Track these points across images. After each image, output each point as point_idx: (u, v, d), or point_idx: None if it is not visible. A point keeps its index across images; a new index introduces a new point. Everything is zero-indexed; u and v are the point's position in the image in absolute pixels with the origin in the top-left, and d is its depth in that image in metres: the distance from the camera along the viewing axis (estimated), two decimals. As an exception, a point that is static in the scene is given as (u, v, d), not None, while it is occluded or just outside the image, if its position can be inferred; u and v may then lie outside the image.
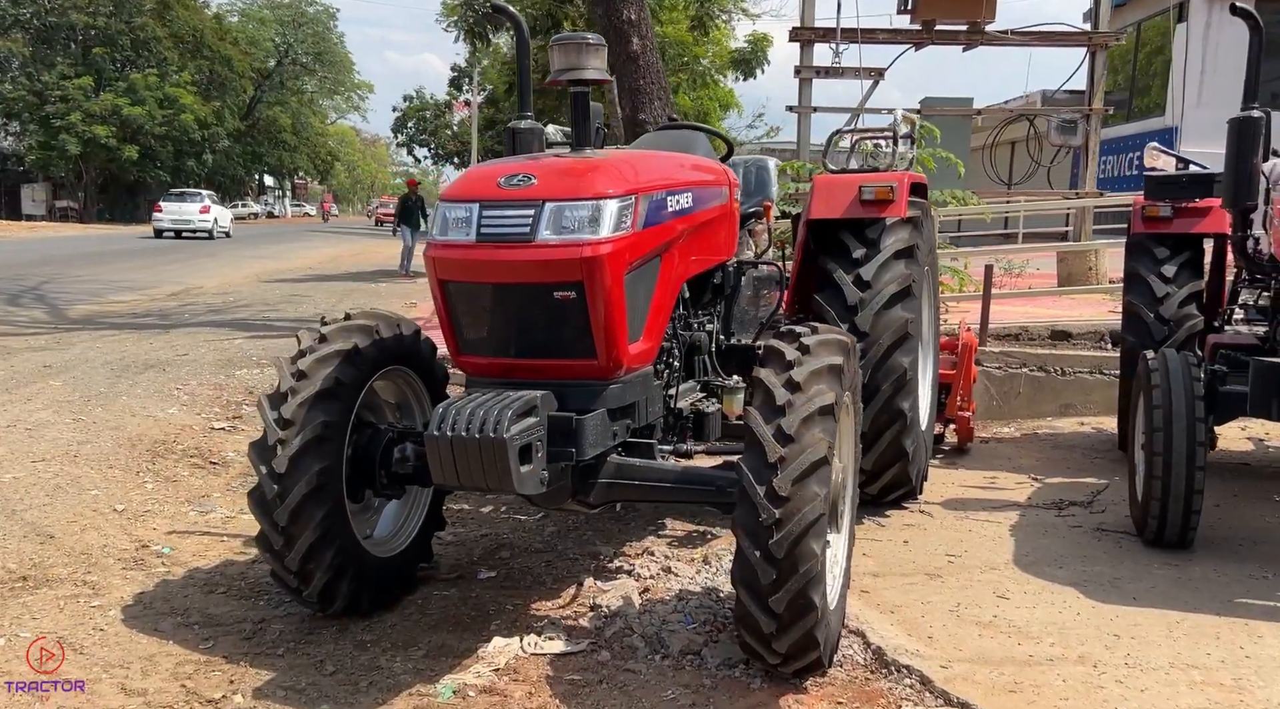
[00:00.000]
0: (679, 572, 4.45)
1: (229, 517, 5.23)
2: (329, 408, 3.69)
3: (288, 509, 3.60)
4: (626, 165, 3.63)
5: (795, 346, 3.38)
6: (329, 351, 3.75)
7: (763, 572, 3.13)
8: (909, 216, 4.96)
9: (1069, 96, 24.98)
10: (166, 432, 6.59)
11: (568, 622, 3.94)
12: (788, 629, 3.20)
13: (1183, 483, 4.38)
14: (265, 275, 19.29)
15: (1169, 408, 4.42)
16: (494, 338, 3.53)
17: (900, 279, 4.83)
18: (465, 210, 3.46)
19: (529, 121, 4.50)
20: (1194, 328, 5.84)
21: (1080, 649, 3.68)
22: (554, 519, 5.19)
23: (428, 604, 4.15)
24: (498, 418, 3.17)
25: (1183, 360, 4.57)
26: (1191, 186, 5.93)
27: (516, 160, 3.74)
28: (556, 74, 3.59)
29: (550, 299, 3.40)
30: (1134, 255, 6.10)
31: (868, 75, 9.58)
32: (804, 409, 3.19)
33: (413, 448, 3.91)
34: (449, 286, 3.51)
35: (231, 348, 9.46)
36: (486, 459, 3.18)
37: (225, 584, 4.31)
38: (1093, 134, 9.76)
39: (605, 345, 3.45)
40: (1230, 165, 5.00)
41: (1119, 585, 4.26)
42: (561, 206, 3.36)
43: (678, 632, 3.81)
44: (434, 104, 61.82)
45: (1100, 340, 8.02)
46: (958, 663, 3.57)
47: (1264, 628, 3.84)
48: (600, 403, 3.53)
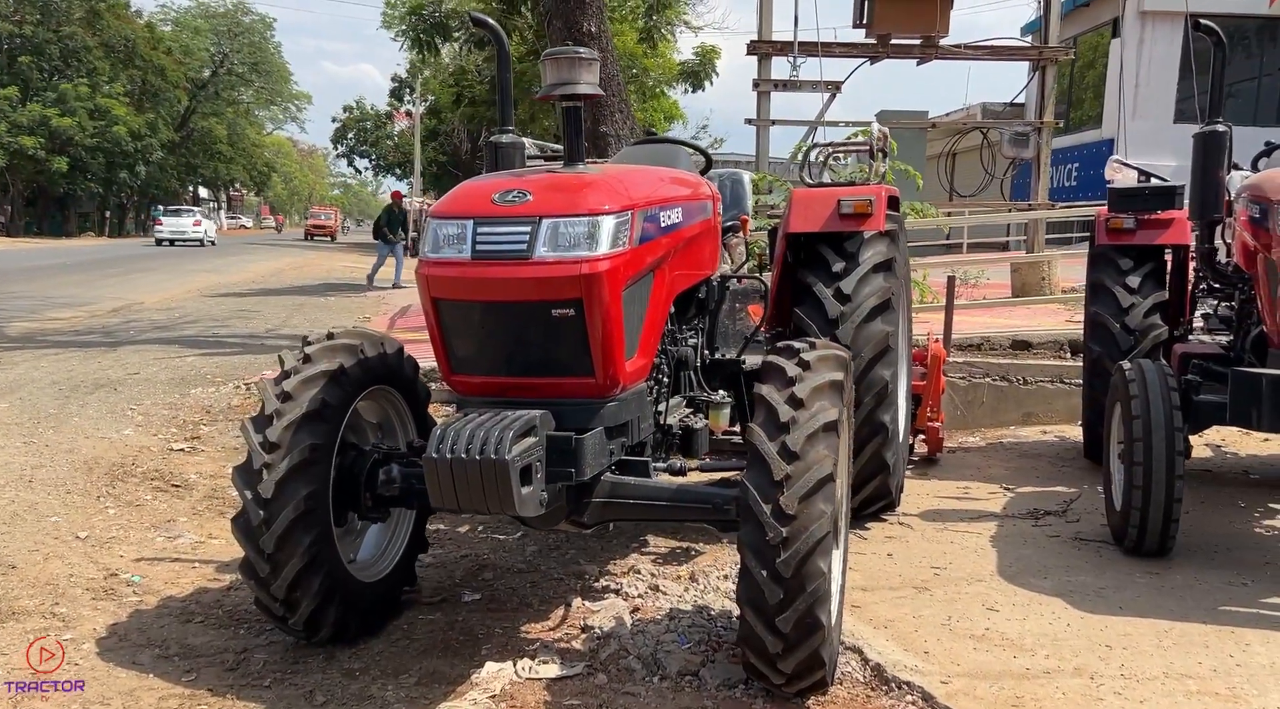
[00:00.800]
0: (667, 590, 4.40)
1: (198, 542, 5.08)
2: (316, 430, 3.59)
3: (274, 535, 3.50)
4: (621, 181, 3.59)
5: (795, 362, 3.36)
6: (314, 372, 3.66)
7: (769, 591, 3.09)
8: (886, 230, 4.98)
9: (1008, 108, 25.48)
10: (123, 453, 6.40)
11: (560, 644, 3.87)
12: (794, 649, 3.17)
13: (1163, 492, 4.44)
14: (208, 290, 18.90)
15: (1148, 418, 4.47)
16: (488, 356, 3.46)
17: (880, 292, 4.84)
18: (458, 227, 3.40)
19: (511, 136, 4.45)
20: (1159, 337, 5.94)
21: (1075, 661, 3.69)
22: (534, 538, 5.12)
23: (414, 629, 4.05)
24: (499, 438, 3.11)
25: (1159, 371, 4.63)
26: (1154, 199, 6.03)
27: (509, 176, 3.68)
28: (548, 89, 3.53)
29: (548, 317, 3.34)
30: (1098, 267, 6.19)
31: (825, 88, 9.64)
32: (808, 426, 3.17)
33: (399, 469, 3.83)
34: (442, 304, 3.44)
35: (184, 365, 9.23)
36: (488, 481, 3.11)
37: (202, 613, 4.17)
38: (1044, 147, 9.92)
39: (603, 363, 3.40)
40: (1197, 178, 5.11)
41: (1104, 595, 4.30)
42: (558, 223, 3.31)
43: (674, 652, 3.76)
44: (375, 115, 61.34)
45: (1060, 350, 8.14)
46: (957, 678, 3.56)
47: (1250, 635, 3.89)
48: (598, 421, 3.48)
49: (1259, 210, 4.66)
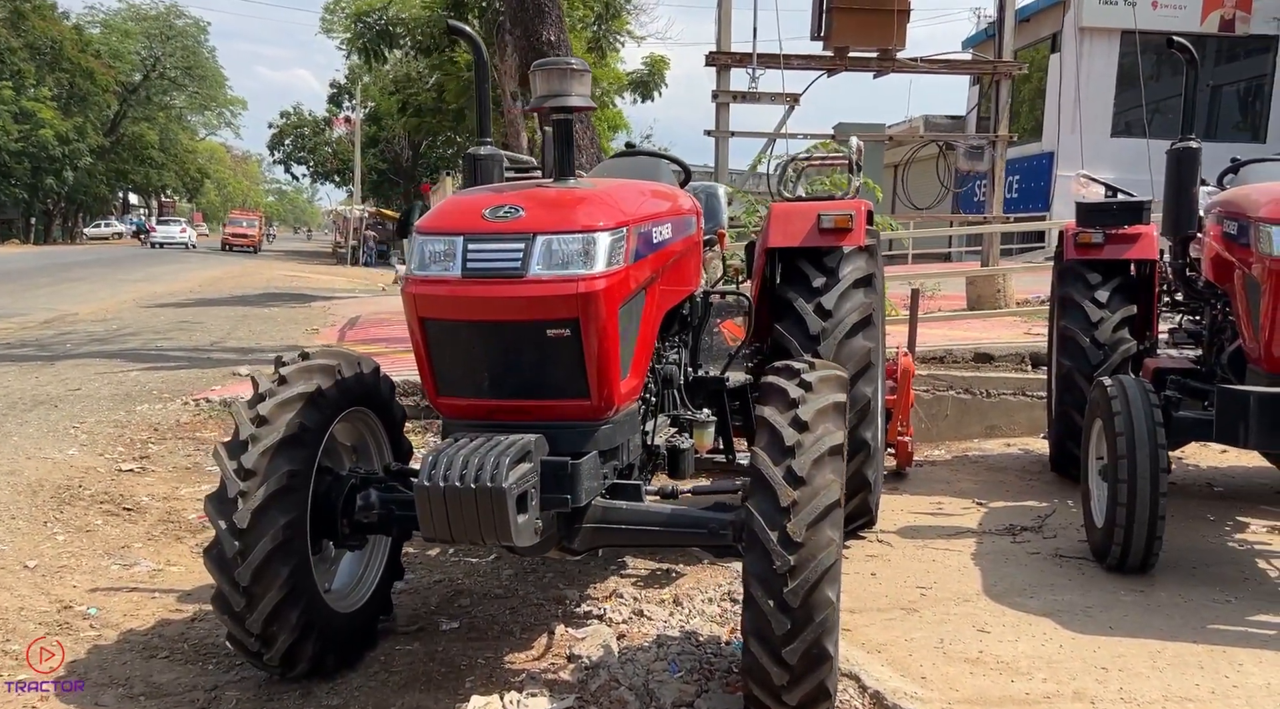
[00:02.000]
0: (651, 615, 4.29)
1: (156, 570, 4.85)
2: (293, 456, 3.43)
3: (250, 567, 3.32)
4: (613, 196, 3.48)
5: (797, 383, 3.28)
6: (291, 395, 3.49)
7: (776, 622, 2.99)
8: (865, 245, 4.93)
9: (950, 121, 25.84)
10: (69, 475, 6.12)
11: (547, 675, 3.74)
12: (800, 681, 3.07)
13: (1147, 509, 4.42)
14: (144, 300, 18.37)
15: (1132, 435, 4.46)
16: (479, 378, 3.32)
17: (861, 308, 4.78)
18: (447, 244, 3.26)
19: (489, 147, 4.30)
20: (1128, 352, 5.96)
21: (1073, 684, 3.65)
22: (509, 562, 4.97)
23: (391, 661, 3.89)
24: (495, 465, 2.98)
25: (1140, 387, 4.62)
26: (1122, 213, 6.06)
27: (498, 190, 3.54)
28: (538, 100, 3.41)
29: (542, 337, 3.22)
30: (1067, 281, 6.20)
31: (784, 100, 9.62)
32: (814, 450, 3.08)
33: (377, 495, 3.68)
34: (430, 324, 3.30)
35: (127, 380, 8.90)
36: (484, 510, 2.98)
37: (166, 647, 3.96)
38: (999, 160, 10.00)
39: (599, 384, 3.29)
40: (1171, 195, 5.12)
41: (1092, 614, 4.27)
42: (553, 240, 3.19)
43: (666, 682, 3.65)
44: (313, 121, 60.41)
45: (1021, 363, 8.17)
46: (958, 704, 3.50)
47: (1242, 655, 3.88)
48: (592, 445, 3.36)
49: (1236, 227, 4.68)
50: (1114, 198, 6.27)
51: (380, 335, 11.40)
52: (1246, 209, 4.61)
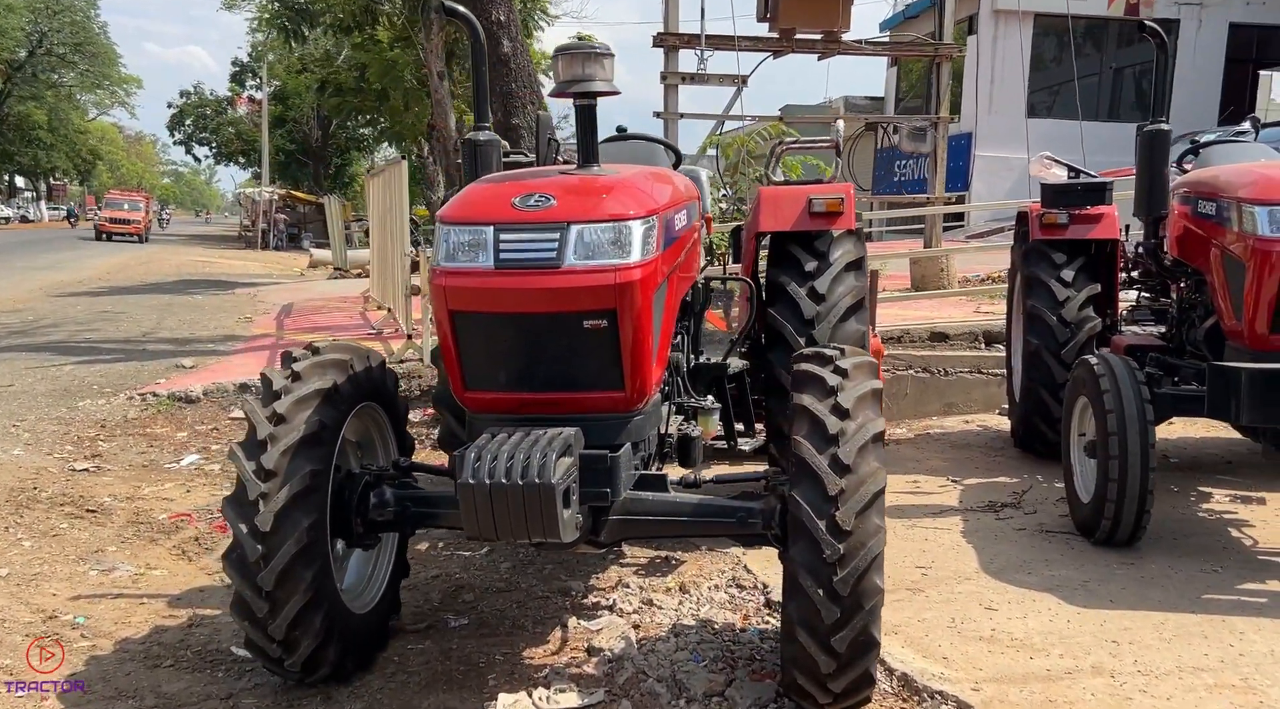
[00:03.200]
0: (661, 604, 4.26)
1: (137, 574, 4.66)
2: (313, 455, 3.31)
3: (274, 571, 3.20)
4: (639, 183, 3.42)
5: (832, 369, 3.26)
6: (307, 392, 3.37)
7: (826, 611, 2.99)
8: (853, 228, 4.94)
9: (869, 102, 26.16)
10: (20, 477, 5.85)
11: (571, 670, 3.68)
12: (847, 669, 3.08)
13: (1138, 484, 4.53)
14: (54, 289, 17.64)
15: (1122, 413, 4.56)
16: (511, 371, 3.24)
17: (854, 291, 4.79)
18: (476, 234, 3.17)
19: (488, 133, 4.21)
20: (1093, 329, 6.11)
21: (1090, 659, 3.72)
22: (504, 553, 4.89)
23: (406, 661, 3.80)
24: (541, 461, 2.91)
25: (1126, 365, 4.73)
26: (1086, 194, 6.19)
27: (522, 177, 3.45)
28: (562, 86, 3.32)
29: (578, 328, 3.15)
30: (1032, 261, 6.32)
31: (732, 82, 9.62)
32: (858, 438, 3.08)
33: (392, 492, 3.59)
34: (460, 317, 3.20)
35: (63, 375, 8.54)
36: (531, 507, 2.92)
37: (168, 655, 3.81)
38: (940, 141, 10.15)
39: (632, 376, 3.24)
40: (1143, 176, 5.24)
41: (1090, 588, 4.36)
42: (587, 229, 3.13)
43: (694, 673, 3.63)
44: (215, 101, 58.55)
45: (975, 341, 8.33)
46: (985, 684, 3.54)
47: (1241, 624, 4.01)
48: (625, 436, 3.32)
49: (1215, 207, 4.81)
50: (1076, 179, 6.39)
51: (321, 323, 11.14)
52: (1226, 189, 4.73)
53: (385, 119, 25.48)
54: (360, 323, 10.85)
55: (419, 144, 25.97)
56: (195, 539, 5.12)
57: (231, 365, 8.98)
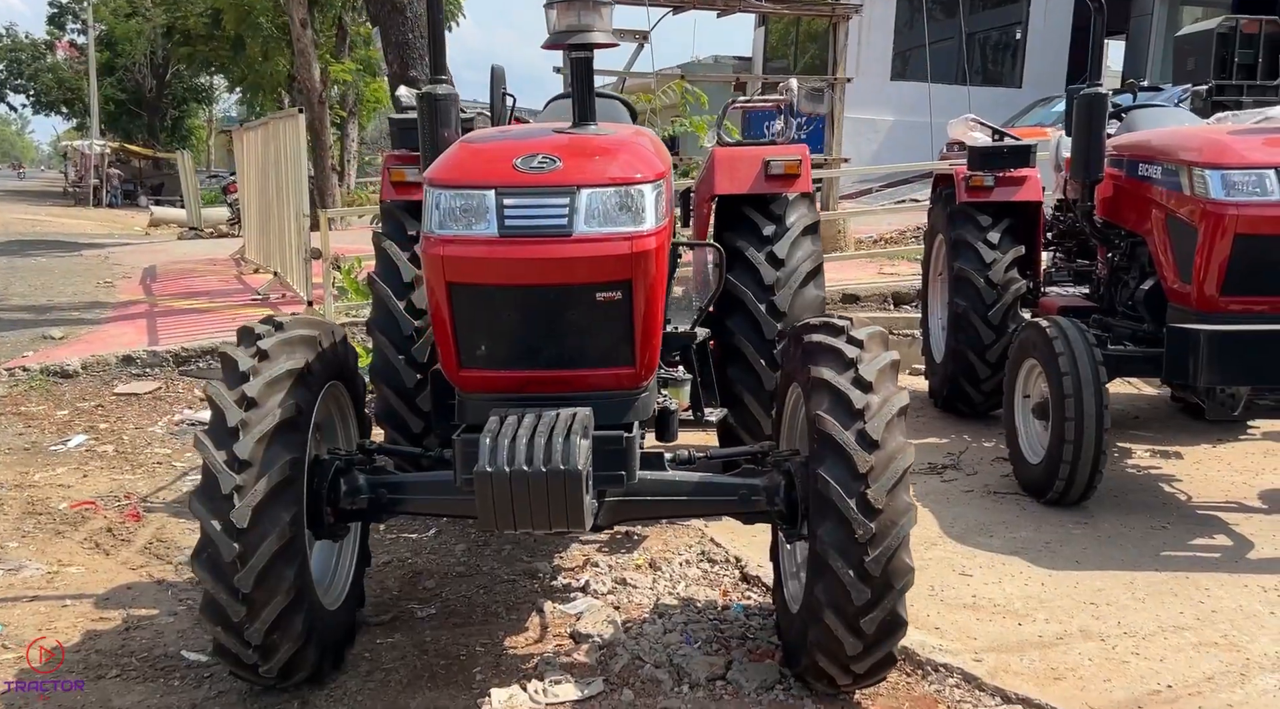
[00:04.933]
0: (635, 582, 4.11)
1: (49, 572, 4.22)
2: (290, 442, 3.02)
3: (253, 572, 2.91)
4: (639, 143, 3.20)
5: (846, 340, 3.14)
6: (279, 372, 3.06)
7: (856, 592, 2.89)
8: (808, 191, 4.84)
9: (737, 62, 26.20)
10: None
11: (562, 659, 3.50)
12: (873, 650, 2.99)
13: (1093, 445, 4.60)
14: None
15: (1077, 375, 4.61)
16: (514, 347, 3.00)
17: (813, 256, 4.70)
18: (475, 198, 2.90)
19: (447, 86, 3.89)
20: (1019, 291, 6.19)
21: (1075, 622, 3.75)
22: (455, 535, 4.64)
23: (379, 658, 3.54)
24: (565, 446, 2.71)
25: (1077, 328, 4.78)
26: (1011, 157, 6.25)
27: (518, 136, 3.18)
28: (556, 37, 3.07)
29: (590, 300, 2.93)
30: (958, 224, 6.35)
31: (634, 38, 9.38)
32: (884, 412, 2.97)
33: (365, 478, 3.32)
34: (459, 290, 2.93)
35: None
36: (555, 495, 2.72)
37: (111, 664, 3.45)
38: (838, 103, 10.16)
39: (643, 350, 3.05)
40: (1080, 140, 5.28)
41: (1054, 550, 4.41)
42: (598, 193, 2.90)
43: (690, 656, 3.49)
44: (30, 44, 54.33)
45: (884, 302, 8.39)
46: (985, 654, 3.52)
47: (1204, 580, 4.11)
48: (633, 414, 3.13)
49: (1159, 171, 4.88)
50: (1000, 142, 6.45)
51: (197, 288, 10.45)
52: (1171, 153, 4.81)
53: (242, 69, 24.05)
54: (239, 287, 10.24)
55: (279, 96, 24.70)
56: (108, 530, 4.69)
57: (107, 335, 8.31)
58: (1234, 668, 3.42)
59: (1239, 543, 4.49)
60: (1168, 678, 3.36)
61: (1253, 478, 5.42)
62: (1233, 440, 6.12)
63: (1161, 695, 3.26)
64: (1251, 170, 4.41)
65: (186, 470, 5.64)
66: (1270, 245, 4.41)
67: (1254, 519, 4.78)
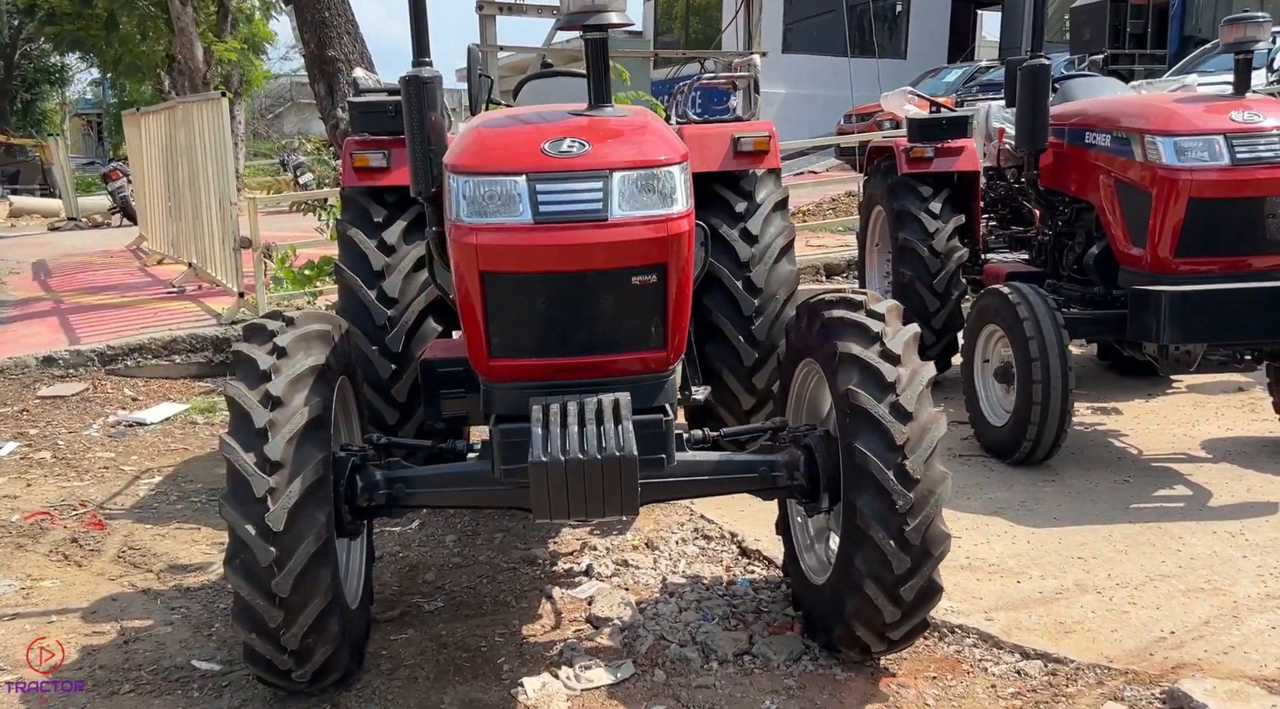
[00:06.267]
0: (637, 563, 4.12)
1: (23, 588, 4.03)
2: (318, 440, 2.95)
3: (291, 576, 2.83)
4: (659, 124, 3.18)
5: (866, 314, 3.19)
6: (302, 370, 2.97)
7: (897, 561, 2.95)
8: (776, 167, 4.88)
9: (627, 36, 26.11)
10: None
11: (585, 644, 3.49)
12: (909, 616, 3.08)
13: (1059, 405, 4.78)
14: None
15: (1042, 339, 4.77)
16: (548, 335, 2.96)
17: (785, 232, 4.74)
18: (506, 185, 2.85)
19: (431, 69, 3.79)
20: (961, 259, 6.36)
21: (1069, 577, 3.90)
22: (441, 525, 4.57)
23: (399, 654, 3.48)
24: (618, 433, 2.70)
25: (1038, 293, 4.95)
26: (949, 128, 6.41)
27: (538, 120, 3.12)
28: (572, 18, 3.01)
29: (626, 285, 2.92)
30: (900, 195, 6.48)
31: (550, 14, 9.28)
32: (916, 384, 3.03)
33: (382, 474, 3.25)
34: (493, 279, 2.88)
35: None
36: (611, 481, 2.72)
37: (121, 679, 3.33)
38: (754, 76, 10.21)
39: (674, 332, 3.05)
40: (1026, 111, 5.43)
41: (1031, 508, 4.57)
42: (631, 176, 2.89)
43: (713, 634, 3.52)
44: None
45: (817, 274, 8.52)
46: (994, 612, 3.64)
47: (1176, 529, 4.31)
48: (663, 397, 3.13)
49: (1109, 138, 5.07)
50: (939, 113, 6.60)
51: (100, 282, 9.98)
52: (1122, 121, 5.00)
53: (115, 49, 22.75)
54: (147, 280, 9.81)
55: (158, 78, 23.58)
56: (72, 541, 4.48)
57: (16, 335, 7.88)
58: (1225, 611, 3.62)
59: (1198, 492, 4.72)
60: (1168, 625, 3.53)
61: (1190, 429, 5.70)
62: (1161, 395, 6.42)
63: (1167, 642, 3.42)
64: (1201, 136, 4.62)
65: (138, 473, 5.42)
66: (1221, 208, 4.63)
67: (1204, 468, 5.03)
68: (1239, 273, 4.73)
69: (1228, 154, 4.58)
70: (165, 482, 5.31)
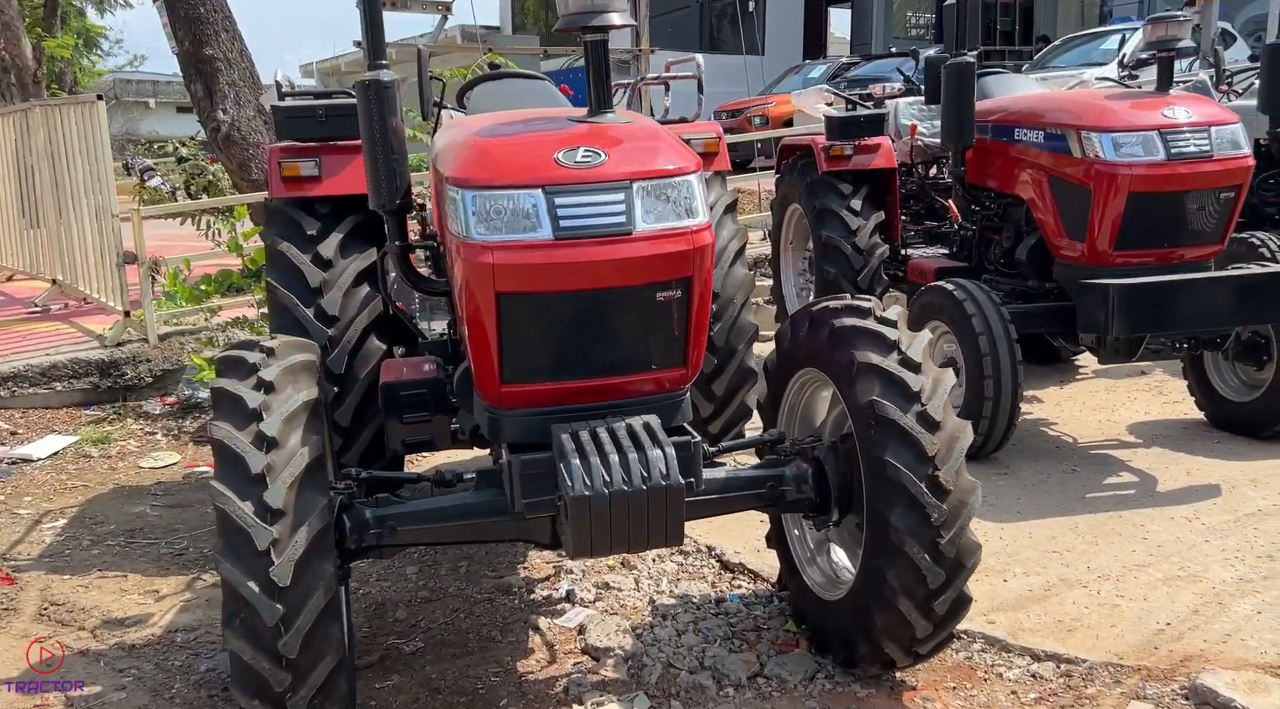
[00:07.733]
0: (618, 585, 3.95)
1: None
2: (319, 483, 2.69)
3: (300, 634, 2.57)
4: (665, 131, 3.01)
5: (877, 321, 3.11)
6: (295, 406, 2.70)
7: (932, 575, 2.88)
8: (726, 169, 4.79)
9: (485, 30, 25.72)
10: None
11: (590, 678, 3.31)
12: (939, 630, 3.01)
13: (1009, 400, 4.83)
14: None
15: (990, 334, 4.81)
16: (566, 356, 2.77)
17: (738, 235, 4.66)
18: (521, 199, 2.64)
19: (390, 72, 3.53)
20: (883, 255, 6.41)
21: (1051, 574, 3.92)
22: (399, 558, 4.28)
23: (387, 702, 3.24)
24: (661, 458, 2.54)
25: (982, 289, 4.99)
26: (867, 125, 6.44)
27: (541, 128, 2.90)
28: (571, 20, 2.82)
29: (650, 301, 2.75)
30: (820, 193, 6.48)
31: (436, 9, 8.94)
32: (939, 393, 2.96)
33: (371, 512, 2.99)
34: (509, 299, 2.66)
35: None
36: (656, 513, 2.57)
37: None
38: (644, 72, 10.14)
39: (694, 348, 2.90)
40: (952, 108, 5.48)
41: (991, 502, 4.58)
42: (651, 187, 2.71)
43: (721, 657, 3.39)
44: None
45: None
46: (993, 614, 3.62)
47: (1137, 517, 4.40)
48: (681, 416, 2.97)
49: (1041, 135, 5.15)
50: (855, 112, 6.62)
51: None
52: (1057, 117, 5.07)
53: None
54: (1, 299, 9.02)
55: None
56: (-18, 599, 4.02)
57: None
58: (1209, 599, 3.69)
59: (1144, 478, 4.84)
60: (1161, 617, 3.58)
61: (1111, 414, 5.88)
62: (1073, 381, 6.61)
63: (1166, 634, 3.46)
64: (1137, 132, 4.73)
65: (37, 517, 4.94)
66: (1158, 202, 4.75)
67: (1140, 454, 5.17)
68: (1171, 264, 4.88)
69: (1163, 149, 4.70)
70: (71, 525, 4.84)
